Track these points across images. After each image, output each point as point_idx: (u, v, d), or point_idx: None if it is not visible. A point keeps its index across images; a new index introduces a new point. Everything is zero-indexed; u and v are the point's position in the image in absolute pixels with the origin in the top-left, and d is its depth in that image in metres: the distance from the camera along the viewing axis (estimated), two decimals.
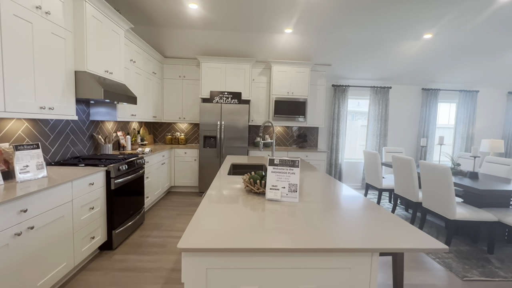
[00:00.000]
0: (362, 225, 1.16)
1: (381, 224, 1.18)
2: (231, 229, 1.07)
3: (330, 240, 0.99)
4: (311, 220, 1.20)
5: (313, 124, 4.86)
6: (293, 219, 1.20)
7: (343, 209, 1.38)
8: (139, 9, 3.41)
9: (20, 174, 1.76)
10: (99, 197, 2.28)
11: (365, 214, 1.31)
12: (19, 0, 1.71)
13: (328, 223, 1.16)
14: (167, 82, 4.67)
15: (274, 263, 0.95)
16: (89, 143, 3.02)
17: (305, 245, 0.95)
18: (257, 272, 0.96)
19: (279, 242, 0.97)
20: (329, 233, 1.05)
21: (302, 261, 0.96)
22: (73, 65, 2.28)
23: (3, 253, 1.38)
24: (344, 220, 1.21)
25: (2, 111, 1.62)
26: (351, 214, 1.30)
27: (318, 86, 4.81)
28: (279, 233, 1.05)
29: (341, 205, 1.44)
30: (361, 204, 1.48)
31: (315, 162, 4.61)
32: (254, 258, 0.95)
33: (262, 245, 0.94)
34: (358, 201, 1.54)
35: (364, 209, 1.38)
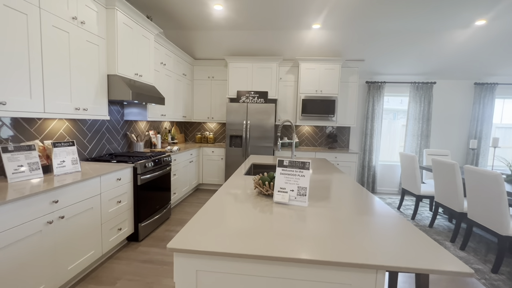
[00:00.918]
0: (372, 237, 1.04)
1: (395, 237, 1.04)
2: (228, 231, 1.04)
3: (329, 251, 0.91)
4: (317, 227, 1.11)
5: (344, 124, 4.59)
6: (297, 225, 1.12)
7: (356, 217, 1.26)
8: (169, 14, 3.58)
9: (57, 168, 1.96)
10: (126, 191, 2.45)
11: (380, 224, 1.17)
12: (57, 12, 1.91)
13: (334, 232, 1.07)
14: (197, 83, 4.84)
15: (265, 271, 0.90)
16: (123, 141, 3.27)
17: (300, 255, 0.87)
18: (248, 279, 0.92)
19: (274, 249, 0.91)
20: (332, 244, 0.96)
21: (295, 272, 0.89)
22: (106, 69, 2.48)
23: (37, 238, 1.55)
24: (353, 230, 1.10)
25: (41, 112, 1.82)
26: (363, 223, 1.18)
27: (349, 84, 4.53)
28: (278, 239, 0.99)
29: (354, 213, 1.32)
30: (378, 212, 1.34)
31: (345, 163, 4.36)
32: (245, 264, 0.91)
33: (255, 251, 0.89)
34: (375, 208, 1.39)
35: (379, 218, 1.24)
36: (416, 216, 3.65)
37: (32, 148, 1.85)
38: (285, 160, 1.48)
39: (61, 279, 1.74)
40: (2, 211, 1.35)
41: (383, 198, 4.58)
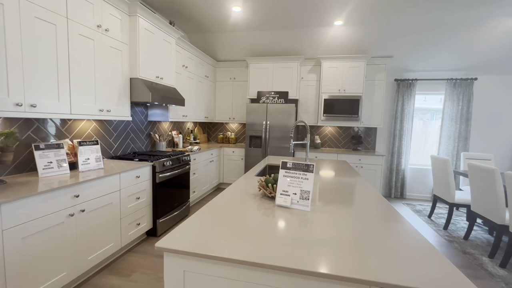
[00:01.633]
0: (373, 249, 0.96)
1: (399, 251, 0.95)
2: (221, 233, 1.03)
3: (319, 261, 0.85)
4: (315, 234, 1.06)
5: (369, 124, 4.35)
6: (295, 231, 1.08)
7: (360, 225, 1.17)
8: (191, 19, 3.70)
9: (82, 165, 2.13)
10: (145, 188, 2.57)
11: (384, 235, 1.08)
12: (83, 22, 2.07)
13: (331, 241, 1.00)
14: (219, 84, 4.93)
15: (252, 277, 0.87)
16: (147, 141, 3.45)
17: (287, 263, 0.83)
18: (234, 284, 0.90)
19: (264, 255, 0.88)
20: (324, 253, 0.91)
21: (283, 280, 0.85)
22: (129, 73, 2.63)
23: (60, 229, 1.70)
24: (352, 239, 1.02)
25: (68, 114, 1.99)
26: (366, 232, 1.09)
27: (376, 82, 4.27)
28: (272, 245, 0.95)
29: (360, 220, 1.23)
30: (388, 221, 1.23)
31: (369, 166, 4.12)
32: (232, 269, 0.89)
33: (243, 256, 0.86)
34: (386, 217, 1.29)
35: (386, 229, 1.14)
36: (449, 226, 3.32)
37: (61, 147, 2.03)
38: (289, 162, 1.44)
39: (81, 268, 1.88)
40: (32, 202, 1.50)
41: (412, 204, 4.24)
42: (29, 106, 1.70)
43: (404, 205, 4.21)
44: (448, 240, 2.94)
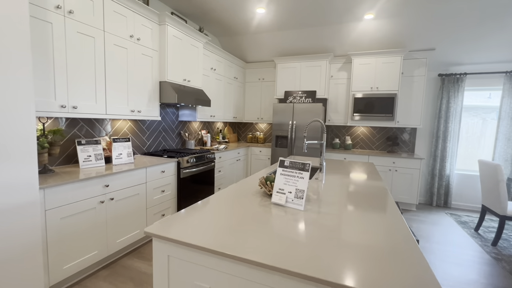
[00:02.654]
0: (345, 252, 0.92)
1: (386, 260, 0.90)
2: (208, 224, 1.10)
3: (287, 258, 0.86)
4: (302, 234, 1.06)
5: (406, 124, 3.99)
6: (279, 229, 1.09)
7: (355, 229, 1.13)
8: (219, 23, 3.88)
9: (115, 159, 2.42)
10: (170, 183, 2.79)
11: (380, 242, 1.02)
12: (118, 33, 2.35)
13: (309, 240, 1.00)
14: (249, 85, 5.05)
15: (226, 268, 0.91)
16: (177, 139, 3.73)
17: (261, 259, 0.85)
18: (210, 272, 0.95)
19: (242, 248, 0.92)
20: (295, 252, 0.91)
21: (254, 275, 0.88)
22: (158, 77, 2.89)
23: (92, 213, 1.97)
24: (331, 241, 1.00)
25: (104, 114, 2.28)
26: (349, 235, 1.05)
27: (414, 78, 3.90)
28: (255, 240, 0.99)
29: (355, 224, 1.18)
30: (386, 231, 1.16)
31: (404, 170, 3.79)
32: (208, 258, 0.94)
33: (222, 248, 0.90)
34: (384, 227, 1.21)
35: (373, 234, 1.08)
36: (499, 242, 2.87)
37: (98, 143, 2.34)
38: (286, 161, 1.44)
39: (110, 249, 2.14)
40: (68, 189, 1.78)
41: (457, 215, 3.76)
42: (72, 108, 2.01)
43: (447, 215, 3.76)
44: (495, 258, 2.55)
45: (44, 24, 1.80)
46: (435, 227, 3.25)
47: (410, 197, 3.82)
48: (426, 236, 2.97)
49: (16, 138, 1.47)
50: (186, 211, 1.24)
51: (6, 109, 1.42)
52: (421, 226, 3.26)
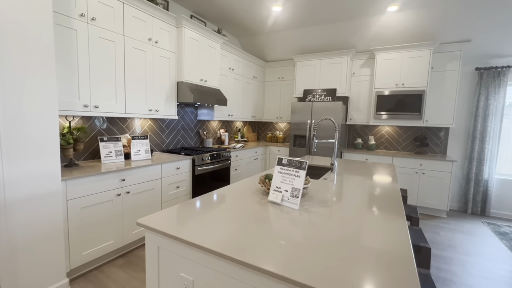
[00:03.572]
0: (335, 259, 0.88)
1: (363, 266, 0.85)
2: (199, 219, 1.13)
3: (264, 258, 0.85)
4: (286, 233, 1.04)
5: (436, 123, 3.67)
6: (269, 227, 1.08)
7: (341, 232, 1.08)
8: (238, 24, 3.93)
9: (134, 155, 2.58)
10: (185, 179, 2.90)
11: (365, 248, 0.97)
12: (137, 37, 2.50)
13: (296, 242, 0.97)
14: (268, 84, 5.04)
15: (209, 263, 0.92)
16: (196, 138, 3.85)
17: (240, 256, 0.85)
18: (195, 265, 0.97)
19: (223, 244, 0.93)
20: (276, 252, 0.89)
21: (235, 272, 0.88)
22: (175, 77, 3.01)
23: (110, 205, 2.12)
24: (315, 243, 0.96)
25: (123, 113, 2.44)
26: (342, 243, 1.00)
27: (446, 73, 3.58)
28: (237, 236, 1.00)
29: (345, 228, 1.13)
30: (382, 236, 1.09)
31: (433, 173, 3.49)
32: (192, 252, 0.96)
33: (200, 241, 0.92)
34: (381, 232, 1.14)
35: (374, 242, 1.02)
36: None
37: (119, 140, 2.51)
38: (284, 159, 1.42)
39: (126, 239, 2.29)
40: (88, 181, 1.94)
41: (496, 224, 3.37)
42: (94, 107, 2.19)
43: (484, 224, 3.39)
44: None
45: (69, 31, 1.99)
46: (467, 237, 2.95)
47: (440, 203, 3.51)
48: (454, 246, 2.71)
49: (41, 135, 1.64)
50: (180, 206, 1.28)
51: (33, 108, 1.59)
52: (450, 235, 2.98)
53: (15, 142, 1.53)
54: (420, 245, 1.42)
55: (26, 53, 1.53)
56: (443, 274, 2.20)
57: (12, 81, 1.49)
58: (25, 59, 1.53)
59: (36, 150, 1.62)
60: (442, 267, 2.31)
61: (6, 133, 1.49)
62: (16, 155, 1.53)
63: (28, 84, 1.56)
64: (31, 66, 1.56)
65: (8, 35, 1.46)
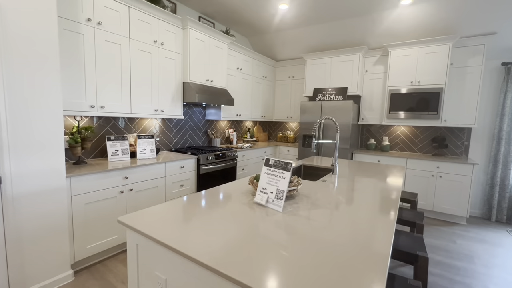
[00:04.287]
0: (298, 267, 0.85)
1: (322, 275, 0.80)
2: (175, 219, 1.14)
3: (226, 260, 0.84)
4: (261, 237, 1.02)
5: (456, 123, 3.42)
6: (245, 231, 1.07)
7: (324, 238, 1.03)
8: (246, 23, 3.92)
9: (139, 154, 2.66)
10: (190, 178, 2.95)
11: (334, 258, 0.92)
12: (142, 39, 2.58)
13: (267, 244, 0.95)
14: (279, 83, 4.99)
15: (179, 264, 0.93)
16: (204, 137, 3.91)
17: (203, 258, 0.85)
18: (167, 265, 0.98)
19: (193, 245, 0.93)
20: (243, 256, 0.88)
21: (199, 272, 0.88)
22: (181, 78, 3.07)
23: (113, 201, 2.21)
24: (290, 249, 0.93)
25: (129, 113, 2.53)
26: (316, 245, 0.96)
27: (468, 69, 3.32)
28: (208, 238, 1.00)
29: (329, 233, 1.08)
30: (356, 242, 1.03)
31: (451, 177, 3.26)
32: (165, 252, 0.97)
33: (172, 242, 0.92)
34: (371, 240, 1.07)
35: (346, 251, 0.96)
36: None
37: (125, 139, 2.61)
38: (271, 159, 1.39)
39: None
40: (94, 178, 2.04)
41: None
42: (100, 108, 2.29)
43: (510, 233, 3.10)
44: None
45: (76, 36, 2.09)
46: (487, 247, 2.72)
47: (459, 209, 3.27)
48: (471, 256, 2.51)
49: (46, 134, 1.74)
50: (164, 205, 1.30)
51: (39, 109, 1.69)
52: (468, 244, 2.77)
53: (21, 141, 1.63)
54: (417, 254, 1.33)
55: (33, 57, 1.63)
56: (455, 286, 2.05)
57: (19, 83, 1.60)
58: (32, 63, 1.64)
59: (41, 148, 1.73)
60: (454, 278, 2.14)
61: (14, 132, 1.60)
62: (22, 152, 1.64)
63: (34, 86, 1.66)
64: (37, 69, 1.66)
65: (16, 41, 1.56)
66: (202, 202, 1.35)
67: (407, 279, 1.10)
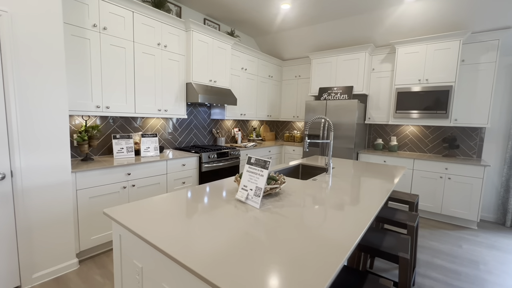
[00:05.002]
0: (256, 262, 0.89)
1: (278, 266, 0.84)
2: (155, 212, 1.22)
3: (192, 253, 0.89)
4: (233, 231, 1.07)
5: (467, 123, 3.27)
6: (218, 224, 1.12)
7: (291, 236, 1.06)
8: (250, 24, 3.97)
9: (143, 152, 2.80)
10: (191, 175, 3.04)
11: (293, 254, 0.95)
12: (146, 42, 2.70)
13: (234, 240, 1.00)
14: (285, 83, 4.99)
15: (152, 253, 1.00)
16: (209, 136, 4.01)
17: (168, 249, 0.92)
18: (142, 254, 1.05)
19: (163, 236, 1.00)
20: (207, 250, 0.93)
21: (166, 261, 0.94)
22: (185, 79, 3.18)
23: (116, 196, 2.34)
24: (255, 244, 0.97)
25: (133, 112, 2.67)
26: (280, 242, 0.99)
27: (480, 65, 3.16)
28: (181, 232, 1.06)
29: (298, 231, 1.10)
30: (318, 241, 1.04)
31: (462, 179, 3.12)
32: (139, 242, 1.05)
33: (147, 235, 0.99)
34: (325, 237, 1.09)
35: (304, 247, 0.99)
36: None
37: (130, 137, 2.75)
38: (253, 158, 1.43)
39: None
40: (97, 174, 2.18)
41: None
42: (105, 108, 2.43)
43: None
44: None
45: (83, 41, 2.24)
46: (496, 253, 2.59)
47: (469, 213, 3.12)
48: (475, 262, 2.40)
49: (54, 132, 1.89)
50: (150, 200, 1.38)
51: (46, 110, 1.84)
52: (475, 249, 2.64)
53: (30, 138, 1.79)
54: (398, 255, 1.32)
55: (40, 62, 1.78)
56: None
57: (27, 86, 1.75)
58: (39, 67, 1.79)
59: (48, 146, 1.88)
60: (453, 283, 2.07)
61: (23, 130, 1.75)
62: (31, 149, 1.80)
63: (41, 89, 1.81)
64: (44, 72, 1.81)
65: (24, 46, 1.71)
66: (187, 197, 1.42)
67: (378, 279, 1.10)
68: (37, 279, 1.89)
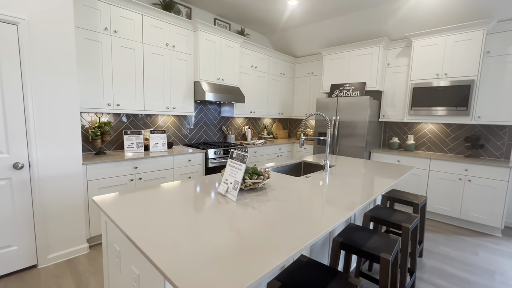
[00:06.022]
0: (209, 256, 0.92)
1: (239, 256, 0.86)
2: (136, 202, 1.30)
3: (154, 241, 0.95)
4: (201, 223, 1.12)
5: (491, 120, 2.99)
6: (192, 214, 1.18)
7: (257, 230, 1.08)
8: (260, 22, 3.98)
9: (152, 147, 2.95)
10: (198, 171, 3.15)
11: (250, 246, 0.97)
12: (155, 43, 2.85)
13: (200, 232, 1.04)
14: (298, 80, 4.93)
15: (124, 239, 1.08)
16: (219, 133, 4.10)
17: (139, 242, 0.99)
18: (122, 239, 1.14)
19: (137, 224, 1.08)
20: (170, 240, 0.98)
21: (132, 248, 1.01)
22: (193, 77, 3.29)
23: (124, 188, 2.51)
24: (226, 238, 1.01)
25: (142, 110, 2.83)
26: (250, 236, 1.02)
27: (508, 57, 2.87)
28: (152, 218, 1.14)
29: (274, 222, 1.12)
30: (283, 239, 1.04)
31: (484, 182, 2.87)
32: (118, 229, 1.13)
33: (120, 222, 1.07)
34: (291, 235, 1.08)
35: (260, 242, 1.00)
36: None
37: (140, 133, 2.92)
38: (235, 152, 1.46)
39: None
40: (106, 167, 2.35)
41: None
42: (116, 105, 2.61)
43: None
44: None
45: (95, 44, 2.43)
46: None
47: (492, 218, 2.86)
48: (491, 271, 2.20)
49: (66, 127, 2.08)
50: (136, 191, 1.47)
51: (59, 106, 2.03)
52: (492, 257, 2.42)
53: (45, 132, 1.99)
54: (379, 255, 1.27)
55: (54, 63, 1.97)
56: None
57: (42, 85, 1.94)
58: (53, 68, 1.97)
59: (62, 139, 2.07)
60: None
61: (39, 125, 1.96)
62: (46, 142, 2.00)
63: (55, 88, 2.00)
64: (57, 73, 2.00)
65: (40, 50, 1.91)
66: (172, 189, 1.49)
67: (348, 277, 1.08)
68: (52, 260, 2.10)
